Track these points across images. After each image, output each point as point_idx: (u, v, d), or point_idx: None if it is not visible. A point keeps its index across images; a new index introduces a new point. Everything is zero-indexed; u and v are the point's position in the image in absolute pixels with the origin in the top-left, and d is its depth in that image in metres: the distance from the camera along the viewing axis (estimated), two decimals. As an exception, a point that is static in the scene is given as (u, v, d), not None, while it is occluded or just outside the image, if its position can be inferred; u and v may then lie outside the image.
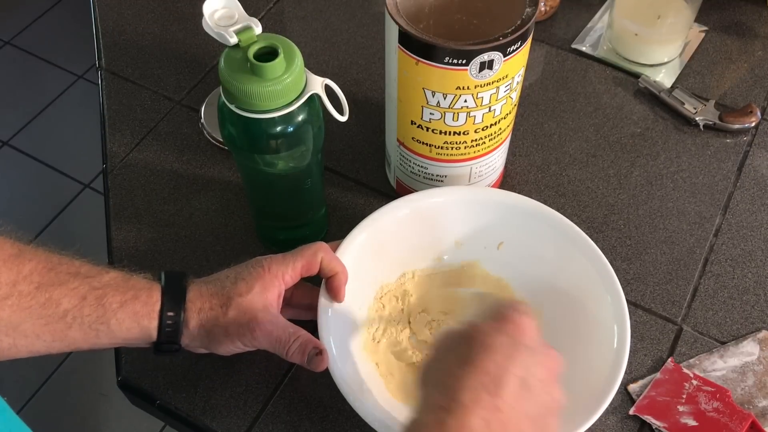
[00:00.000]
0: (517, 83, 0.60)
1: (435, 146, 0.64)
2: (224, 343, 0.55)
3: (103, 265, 0.54)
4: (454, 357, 0.44)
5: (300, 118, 0.55)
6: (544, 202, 0.64)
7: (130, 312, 0.52)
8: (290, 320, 0.56)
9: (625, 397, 0.61)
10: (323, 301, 0.58)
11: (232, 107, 0.54)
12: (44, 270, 0.50)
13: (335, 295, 0.58)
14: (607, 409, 0.54)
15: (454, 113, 0.60)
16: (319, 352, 0.54)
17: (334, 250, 0.60)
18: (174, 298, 0.54)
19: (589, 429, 0.53)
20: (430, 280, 0.66)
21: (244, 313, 0.54)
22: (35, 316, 0.49)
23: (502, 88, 0.59)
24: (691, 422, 0.58)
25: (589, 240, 0.62)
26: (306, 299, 0.61)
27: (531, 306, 0.64)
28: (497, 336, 0.44)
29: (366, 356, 0.60)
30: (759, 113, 0.77)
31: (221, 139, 0.70)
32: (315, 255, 0.57)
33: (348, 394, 0.54)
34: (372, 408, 0.54)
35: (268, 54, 0.53)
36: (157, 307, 0.53)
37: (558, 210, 0.64)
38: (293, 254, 0.57)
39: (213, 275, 0.57)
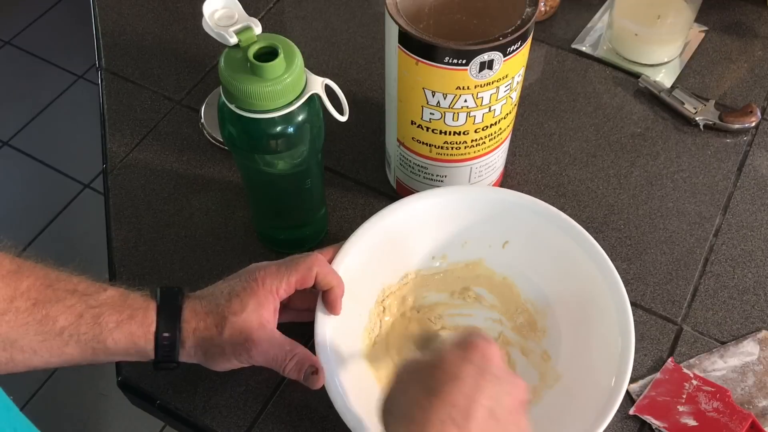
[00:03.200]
0: (517, 83, 0.60)
1: (435, 146, 0.64)
2: (220, 361, 0.54)
3: (101, 282, 0.54)
4: (420, 387, 0.43)
5: (300, 118, 0.55)
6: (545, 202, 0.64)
7: (126, 332, 0.52)
8: (289, 323, 0.56)
9: (625, 397, 0.61)
10: (320, 315, 0.57)
11: (232, 107, 0.54)
12: (42, 287, 0.50)
13: (331, 309, 0.57)
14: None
15: (454, 113, 0.60)
16: (315, 371, 0.54)
17: (331, 258, 0.59)
18: (169, 318, 0.53)
19: (589, 429, 0.53)
20: (434, 280, 0.66)
21: (240, 333, 0.53)
22: (32, 332, 0.49)
23: (502, 88, 0.59)
24: (691, 422, 0.58)
25: (594, 242, 0.61)
26: (304, 304, 0.60)
27: (537, 305, 0.64)
28: (464, 365, 0.43)
29: (367, 365, 0.60)
30: (759, 113, 0.77)
31: (221, 139, 0.70)
32: (310, 269, 0.55)
33: (345, 416, 0.53)
34: (371, 429, 0.53)
35: (268, 54, 0.53)
36: (153, 328, 0.53)
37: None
38: (288, 267, 0.55)
39: (208, 289, 0.56)
